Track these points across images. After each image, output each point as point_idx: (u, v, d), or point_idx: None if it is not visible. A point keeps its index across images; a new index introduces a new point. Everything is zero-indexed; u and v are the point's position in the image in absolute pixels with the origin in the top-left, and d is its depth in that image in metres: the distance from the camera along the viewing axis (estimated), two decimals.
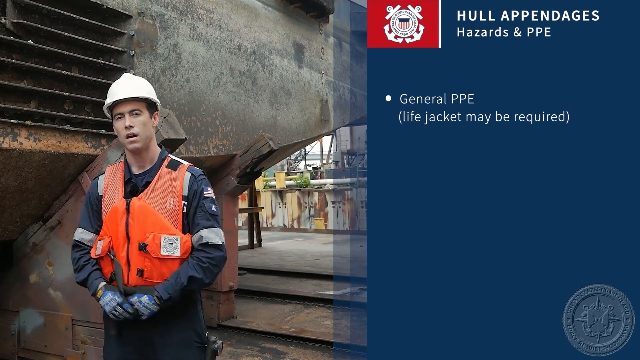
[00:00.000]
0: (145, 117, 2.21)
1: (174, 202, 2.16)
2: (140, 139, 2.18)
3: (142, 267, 2.11)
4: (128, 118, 2.18)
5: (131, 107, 2.19)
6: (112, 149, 3.68)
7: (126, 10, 3.94)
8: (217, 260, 2.16)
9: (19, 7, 3.34)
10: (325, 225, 19.64)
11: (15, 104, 3.33)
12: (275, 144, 5.28)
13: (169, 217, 2.14)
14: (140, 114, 2.19)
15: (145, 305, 2.06)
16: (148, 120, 2.22)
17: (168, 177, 2.20)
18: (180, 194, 2.18)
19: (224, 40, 4.98)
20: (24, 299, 4.03)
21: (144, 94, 2.22)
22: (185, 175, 2.21)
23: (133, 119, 2.18)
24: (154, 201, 2.15)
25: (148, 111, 2.23)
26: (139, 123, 2.18)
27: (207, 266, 2.13)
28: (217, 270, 2.17)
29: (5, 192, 3.54)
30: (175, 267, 2.12)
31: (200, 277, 2.11)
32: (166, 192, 2.17)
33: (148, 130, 2.21)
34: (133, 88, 2.22)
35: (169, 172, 2.22)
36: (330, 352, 4.77)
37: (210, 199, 2.22)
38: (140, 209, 2.13)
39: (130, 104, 2.19)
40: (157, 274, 2.11)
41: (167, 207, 2.15)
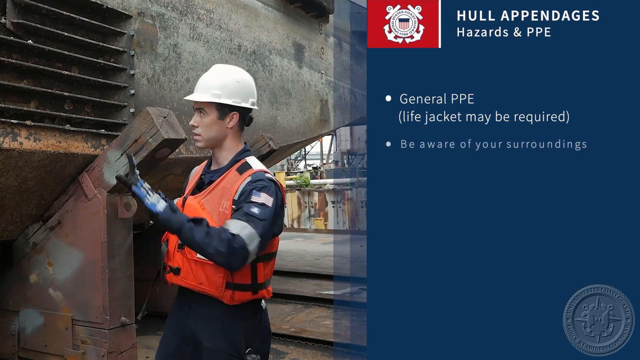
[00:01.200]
0: (211, 119, 2.14)
1: (226, 205, 2.08)
2: (202, 139, 2.15)
3: (179, 266, 2.10)
4: (195, 116, 2.16)
5: (199, 105, 2.15)
6: (112, 149, 3.68)
7: (126, 10, 3.94)
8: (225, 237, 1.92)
9: (19, 7, 3.34)
10: (325, 225, 19.65)
11: (15, 104, 3.33)
12: (275, 144, 5.28)
13: (219, 221, 2.05)
14: (206, 114, 2.14)
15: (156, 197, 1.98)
16: (215, 122, 2.14)
17: (231, 180, 2.11)
18: (232, 197, 2.07)
19: (224, 40, 4.98)
20: (24, 299, 4.03)
21: (209, 97, 2.12)
22: (245, 179, 2.08)
23: (198, 118, 2.15)
24: (209, 202, 2.11)
25: (218, 112, 2.14)
26: (203, 124, 2.14)
27: (217, 232, 1.93)
28: (220, 246, 1.92)
29: (5, 192, 3.54)
30: (211, 272, 2.04)
31: (207, 231, 1.92)
32: (223, 195, 2.09)
33: (213, 132, 2.14)
34: (202, 86, 2.15)
35: (235, 175, 2.12)
36: (330, 352, 4.78)
37: (257, 203, 2.01)
38: (188, 208, 2.11)
39: (196, 102, 2.15)
40: (192, 276, 2.07)
41: (219, 210, 2.08)
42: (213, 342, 2.08)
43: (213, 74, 2.20)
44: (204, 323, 2.11)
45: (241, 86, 2.19)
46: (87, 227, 3.72)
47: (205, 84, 2.16)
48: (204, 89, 2.15)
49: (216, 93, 2.13)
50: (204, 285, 2.07)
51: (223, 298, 2.07)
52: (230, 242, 1.92)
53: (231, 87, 2.15)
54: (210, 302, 2.09)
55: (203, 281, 2.07)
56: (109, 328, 3.64)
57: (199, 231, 1.94)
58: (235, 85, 2.17)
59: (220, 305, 2.09)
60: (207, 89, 2.14)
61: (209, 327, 2.10)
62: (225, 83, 2.15)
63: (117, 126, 3.90)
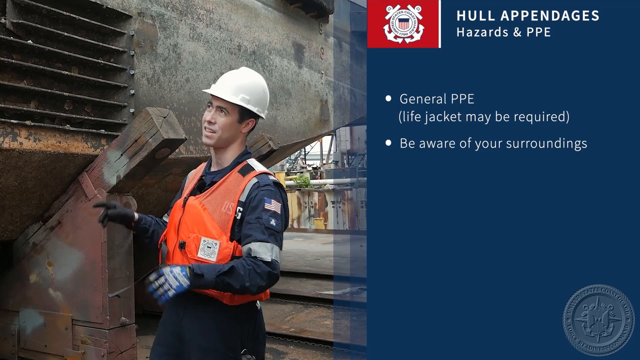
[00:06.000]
0: (231, 120, 2.12)
1: (229, 206, 2.06)
2: (215, 137, 2.12)
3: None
4: (214, 112, 2.13)
5: (222, 104, 2.12)
6: (112, 149, 3.69)
7: (126, 10, 3.94)
8: (263, 271, 1.96)
9: (19, 7, 3.34)
10: (325, 225, 19.66)
11: (15, 104, 3.33)
12: (275, 144, 5.28)
13: (220, 222, 2.05)
14: (227, 114, 2.12)
15: (175, 276, 1.90)
16: (233, 124, 2.13)
17: (234, 182, 2.10)
18: (237, 198, 2.06)
19: (224, 41, 4.98)
20: (24, 299, 4.03)
21: (237, 100, 2.10)
22: (250, 181, 2.08)
23: (217, 115, 2.12)
24: (210, 203, 2.10)
25: (239, 114, 2.13)
26: (221, 123, 2.11)
27: (251, 269, 1.95)
28: (262, 281, 1.96)
29: (5, 192, 3.54)
30: None
31: (242, 275, 1.93)
32: (225, 196, 2.09)
33: (228, 133, 2.13)
34: (231, 87, 2.13)
35: (238, 176, 2.11)
36: (330, 352, 4.78)
37: (272, 212, 2.03)
38: (190, 208, 2.11)
39: (222, 100, 2.12)
40: None
41: (221, 210, 2.07)
42: (208, 342, 2.08)
43: (244, 77, 2.18)
44: (200, 324, 2.10)
45: (265, 96, 2.22)
46: (87, 227, 3.73)
47: (235, 86, 2.14)
48: (233, 90, 2.13)
49: (246, 98, 2.13)
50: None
51: (223, 298, 2.07)
52: (270, 273, 1.98)
53: (259, 95, 2.17)
54: (206, 302, 2.09)
55: None
56: (108, 328, 3.64)
57: (235, 280, 1.95)
58: (262, 95, 2.19)
59: (217, 305, 2.08)
60: (237, 91, 2.13)
61: (205, 327, 2.10)
62: (255, 90, 2.16)
63: (117, 126, 3.90)
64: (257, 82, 2.19)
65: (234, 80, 2.15)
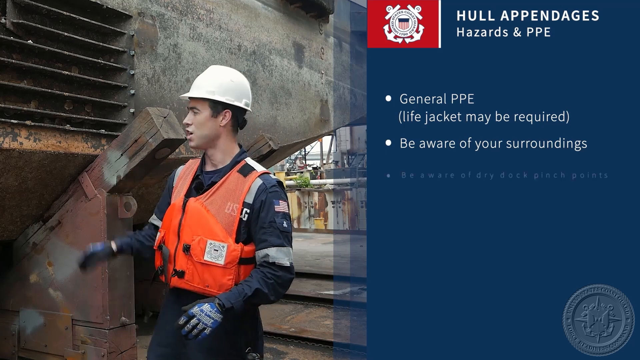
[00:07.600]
0: (203, 117, 2.13)
1: (233, 207, 2.05)
2: (194, 137, 2.14)
3: (184, 269, 2.06)
4: (189, 115, 2.16)
5: (192, 104, 2.15)
6: (112, 149, 3.69)
7: (126, 10, 3.94)
8: (284, 280, 2.01)
9: (19, 7, 3.34)
10: (325, 225, 19.65)
11: (15, 104, 3.33)
12: (275, 144, 5.28)
13: (224, 223, 2.04)
14: (199, 112, 2.14)
15: (208, 314, 1.89)
16: (207, 120, 2.13)
17: (235, 182, 2.09)
18: (242, 199, 2.05)
19: (224, 40, 4.98)
20: (24, 299, 4.03)
21: (203, 93, 2.13)
22: (255, 182, 2.07)
23: (191, 116, 2.15)
24: (212, 204, 2.08)
25: (211, 109, 2.13)
26: (195, 122, 2.14)
27: (273, 282, 1.99)
28: (283, 290, 2.03)
29: (5, 192, 3.54)
30: (218, 274, 2.02)
31: (266, 292, 1.97)
32: (228, 197, 2.07)
33: (205, 130, 2.13)
34: (197, 85, 2.17)
35: (239, 176, 2.10)
36: (330, 352, 4.78)
37: (282, 214, 2.06)
38: (193, 211, 2.09)
39: (192, 100, 2.15)
40: (199, 279, 2.05)
41: (224, 211, 2.06)
42: (213, 342, 2.07)
43: (208, 73, 2.21)
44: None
45: (235, 85, 2.19)
46: (87, 227, 3.72)
47: (199, 83, 2.18)
48: (198, 87, 2.17)
49: (210, 90, 2.14)
50: (211, 288, 2.05)
51: None
52: (290, 279, 2.05)
53: (225, 85, 2.15)
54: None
55: (210, 283, 2.04)
56: (109, 328, 3.64)
57: (260, 299, 2.00)
58: (229, 84, 2.17)
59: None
60: (200, 87, 2.16)
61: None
62: (219, 82, 2.16)
63: (117, 126, 3.90)
64: (221, 73, 2.19)
65: (199, 79, 2.20)
